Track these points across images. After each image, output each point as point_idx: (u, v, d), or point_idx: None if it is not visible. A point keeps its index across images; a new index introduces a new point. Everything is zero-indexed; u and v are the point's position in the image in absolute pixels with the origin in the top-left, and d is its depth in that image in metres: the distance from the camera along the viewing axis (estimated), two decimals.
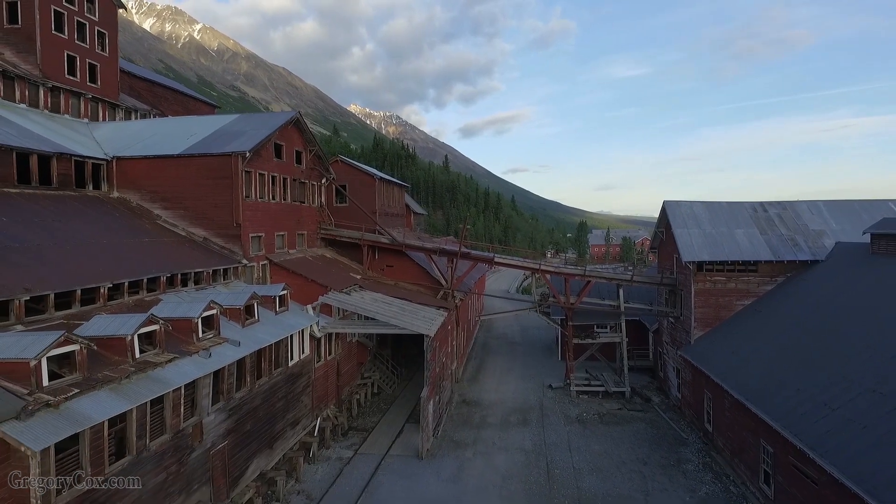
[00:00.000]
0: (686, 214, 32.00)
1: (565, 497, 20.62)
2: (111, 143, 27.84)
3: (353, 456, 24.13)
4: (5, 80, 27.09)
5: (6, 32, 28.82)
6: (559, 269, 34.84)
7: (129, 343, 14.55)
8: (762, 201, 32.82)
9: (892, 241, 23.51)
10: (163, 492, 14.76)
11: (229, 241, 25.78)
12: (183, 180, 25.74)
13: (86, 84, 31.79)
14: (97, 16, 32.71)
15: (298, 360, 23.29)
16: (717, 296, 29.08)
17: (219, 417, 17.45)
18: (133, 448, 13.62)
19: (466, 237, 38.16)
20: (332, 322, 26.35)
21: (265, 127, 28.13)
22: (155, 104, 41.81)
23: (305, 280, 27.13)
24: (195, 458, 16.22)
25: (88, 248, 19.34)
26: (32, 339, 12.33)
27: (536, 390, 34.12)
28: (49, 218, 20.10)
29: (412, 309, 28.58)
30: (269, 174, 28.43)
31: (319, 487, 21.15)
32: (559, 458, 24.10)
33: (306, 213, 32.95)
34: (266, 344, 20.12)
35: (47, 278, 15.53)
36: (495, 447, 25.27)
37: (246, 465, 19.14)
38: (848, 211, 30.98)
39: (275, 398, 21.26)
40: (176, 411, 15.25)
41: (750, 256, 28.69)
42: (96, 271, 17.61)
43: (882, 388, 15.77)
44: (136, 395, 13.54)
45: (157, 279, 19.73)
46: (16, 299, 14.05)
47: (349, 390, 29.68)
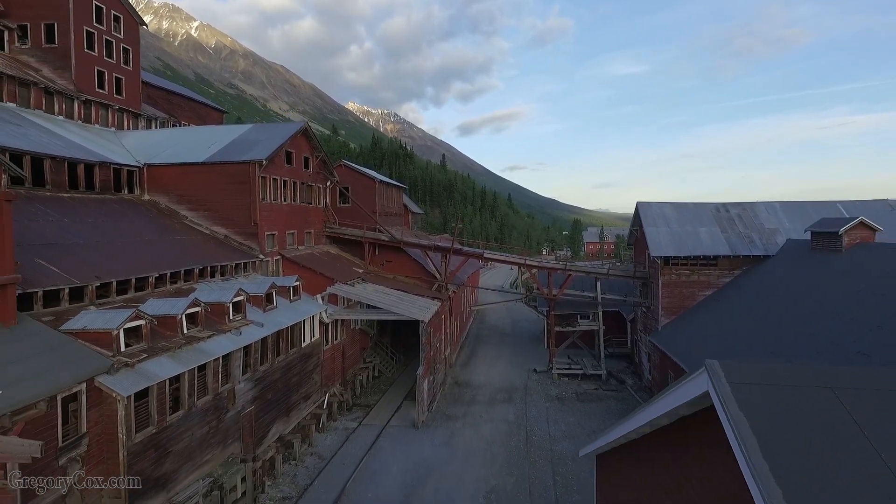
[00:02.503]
0: (656, 214, 35.46)
1: (540, 457, 24.12)
2: (140, 150, 31.14)
3: (358, 426, 27.58)
4: (46, 94, 30.38)
5: (44, 51, 32.07)
6: (542, 263, 38.32)
7: (179, 321, 17.97)
8: (725, 202, 36.27)
9: (827, 237, 27.01)
10: (206, 442, 18.19)
11: (247, 238, 29.16)
12: (206, 185, 29.09)
13: (113, 96, 35.07)
14: (122, 34, 35.99)
15: (310, 342, 26.70)
16: (682, 287, 32.58)
17: (247, 386, 20.88)
18: (185, 404, 17.05)
19: (460, 235, 41.45)
20: (339, 310, 29.75)
21: (278, 136, 31.48)
22: (170, 111, 45.10)
23: (314, 273, 30.49)
24: (229, 417, 19.65)
25: (133, 243, 22.71)
26: (112, 314, 15.74)
27: (522, 374, 37.60)
28: (98, 218, 23.46)
29: (409, 299, 32.02)
30: (281, 178, 31.79)
31: (329, 450, 24.61)
32: (538, 427, 27.60)
33: (313, 213, 36.33)
34: (284, 326, 23.54)
35: (110, 269, 18.90)
36: (482, 419, 28.76)
37: (268, 429, 22.58)
38: (800, 211, 34.46)
39: (291, 374, 24.69)
40: (215, 377, 18.67)
41: (710, 252, 32.19)
42: (143, 263, 20.98)
43: (771, 347, 19.64)
44: (188, 361, 16.97)
45: (192, 271, 23.12)
46: (89, 285, 17.43)
47: (353, 372, 33.11)
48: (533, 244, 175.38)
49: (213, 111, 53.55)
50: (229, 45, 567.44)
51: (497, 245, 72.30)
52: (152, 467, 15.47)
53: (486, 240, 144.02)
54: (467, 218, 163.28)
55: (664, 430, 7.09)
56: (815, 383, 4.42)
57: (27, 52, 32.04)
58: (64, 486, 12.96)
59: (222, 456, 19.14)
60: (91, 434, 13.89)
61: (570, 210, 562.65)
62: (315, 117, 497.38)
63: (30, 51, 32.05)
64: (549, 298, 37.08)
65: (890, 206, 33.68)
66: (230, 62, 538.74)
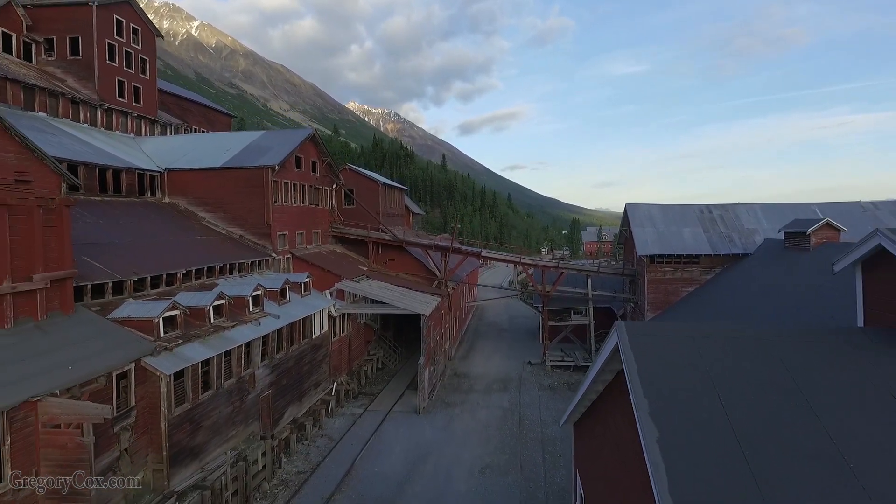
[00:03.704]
0: (643, 215, 37.67)
1: (531, 439, 26.33)
2: (159, 156, 33.33)
3: (363, 412, 29.79)
4: (72, 104, 32.58)
5: (69, 63, 34.25)
6: (536, 262, 40.50)
7: (207, 312, 20.18)
8: (709, 204, 38.48)
9: (797, 237, 29.21)
10: (231, 419, 20.41)
11: (261, 238, 31.36)
12: (222, 188, 31.28)
13: (132, 104, 37.26)
14: (140, 45, 38.18)
15: (320, 334, 28.90)
16: (667, 284, 34.79)
17: (265, 371, 23.09)
18: (214, 385, 19.26)
19: (459, 234, 43.65)
20: (345, 305, 31.96)
21: (289, 143, 33.67)
22: (182, 116, 47.31)
23: (322, 270, 32.69)
24: (250, 399, 21.86)
25: (159, 243, 24.90)
26: (151, 305, 17.95)
27: (518, 366, 39.80)
28: (127, 220, 25.67)
29: (411, 295, 34.23)
30: (291, 182, 33.99)
31: (338, 432, 26.82)
32: (530, 413, 29.81)
33: (320, 214, 38.54)
34: (297, 318, 25.75)
35: (143, 265, 21.10)
36: (479, 406, 30.98)
37: (283, 411, 24.80)
38: (779, 213, 36.63)
39: (302, 362, 26.90)
40: (239, 362, 20.89)
41: (693, 251, 34.39)
42: (170, 261, 23.17)
43: None
44: (216, 347, 19.18)
45: (213, 268, 25.32)
46: (128, 280, 19.64)
47: (358, 363, 35.32)
48: (532, 244, 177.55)
49: (221, 115, 55.77)
50: (230, 45, 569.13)
51: (496, 244, 74.49)
52: (188, 438, 17.69)
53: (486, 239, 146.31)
54: (467, 218, 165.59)
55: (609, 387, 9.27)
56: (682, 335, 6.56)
57: (53, 63, 34.23)
58: (118, 449, 15.18)
59: (245, 433, 21.37)
60: (139, 407, 16.10)
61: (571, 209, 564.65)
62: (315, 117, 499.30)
63: (55, 62, 34.24)
64: (543, 295, 39.29)
65: (862, 207, 35.87)
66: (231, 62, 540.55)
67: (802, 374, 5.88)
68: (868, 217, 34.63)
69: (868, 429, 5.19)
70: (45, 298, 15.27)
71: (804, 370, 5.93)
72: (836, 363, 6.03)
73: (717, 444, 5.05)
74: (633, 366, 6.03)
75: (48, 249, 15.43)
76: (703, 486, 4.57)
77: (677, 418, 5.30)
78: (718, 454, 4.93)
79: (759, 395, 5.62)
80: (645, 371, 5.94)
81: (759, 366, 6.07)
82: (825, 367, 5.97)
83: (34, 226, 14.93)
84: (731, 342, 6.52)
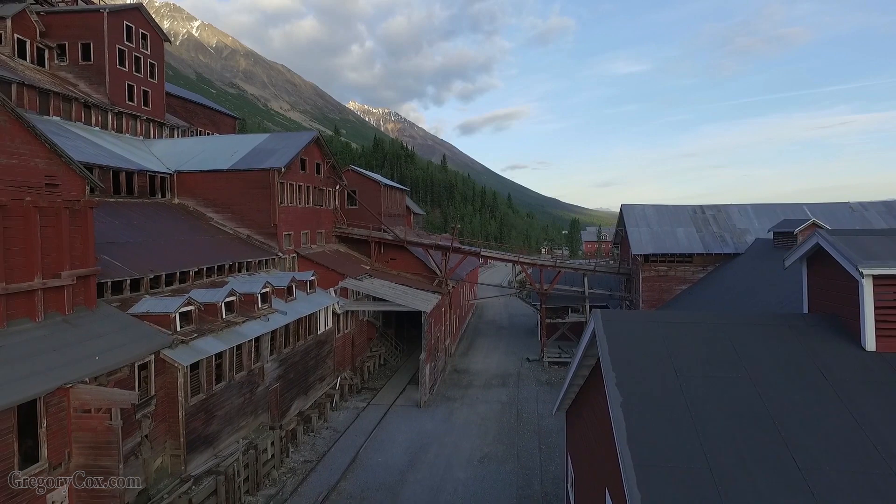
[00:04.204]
0: (638, 215, 38.72)
1: (528, 431, 27.38)
2: (168, 158, 34.40)
3: (367, 406, 30.85)
4: (84, 108, 33.65)
5: (81, 68, 35.32)
6: (534, 261, 41.55)
7: (220, 307, 21.24)
8: (702, 205, 39.54)
9: (785, 237, 30.25)
10: (242, 410, 21.48)
11: (267, 238, 32.43)
12: (230, 190, 32.35)
13: (141, 108, 38.33)
14: (149, 50, 39.24)
15: (324, 330, 29.96)
16: (661, 282, 35.84)
17: (273, 365, 24.15)
18: (226, 376, 20.33)
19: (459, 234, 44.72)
20: (349, 302, 33.02)
21: (294, 146, 34.74)
22: (187, 118, 48.40)
23: (326, 269, 33.75)
24: (260, 391, 22.93)
25: (171, 242, 25.98)
26: (168, 301, 19.02)
27: (516, 363, 40.85)
28: (140, 220, 26.74)
29: (412, 292, 35.29)
30: (297, 184, 35.06)
31: (342, 424, 27.89)
32: (528, 407, 30.87)
33: (324, 214, 39.61)
34: (303, 315, 26.81)
35: (158, 264, 22.17)
36: (478, 400, 32.04)
37: (290, 404, 25.86)
38: (770, 213, 37.69)
39: (308, 357, 27.96)
40: (249, 356, 21.95)
41: (686, 250, 35.43)
42: (182, 259, 24.24)
43: None
44: (229, 341, 20.25)
45: (223, 266, 26.39)
46: (144, 277, 20.70)
47: (361, 359, 36.38)
48: (532, 243, 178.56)
49: (226, 117, 56.88)
50: (230, 45, 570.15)
51: (496, 244, 75.56)
52: (203, 426, 18.76)
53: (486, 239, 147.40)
54: (467, 218, 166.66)
55: (593, 372, 10.30)
56: (649, 321, 7.58)
57: (65, 68, 35.30)
58: (139, 435, 16.25)
59: (254, 423, 22.44)
60: (158, 396, 17.17)
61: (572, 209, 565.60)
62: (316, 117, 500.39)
63: (67, 67, 35.31)
64: (541, 293, 40.34)
65: (851, 208, 36.90)
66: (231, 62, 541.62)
67: (746, 351, 6.91)
68: (856, 217, 35.68)
69: (795, 394, 6.21)
70: (71, 294, 16.33)
71: (747, 348, 6.96)
72: (775, 342, 7.06)
73: (670, 406, 6.07)
74: (605, 345, 7.05)
75: (74, 248, 16.49)
76: (654, 438, 5.59)
77: (638, 387, 6.32)
78: (670, 415, 5.96)
79: (708, 368, 6.65)
80: (615, 349, 6.96)
81: (711, 345, 7.10)
82: (765, 346, 6.99)
83: (62, 226, 16.00)
84: (691, 326, 7.56)
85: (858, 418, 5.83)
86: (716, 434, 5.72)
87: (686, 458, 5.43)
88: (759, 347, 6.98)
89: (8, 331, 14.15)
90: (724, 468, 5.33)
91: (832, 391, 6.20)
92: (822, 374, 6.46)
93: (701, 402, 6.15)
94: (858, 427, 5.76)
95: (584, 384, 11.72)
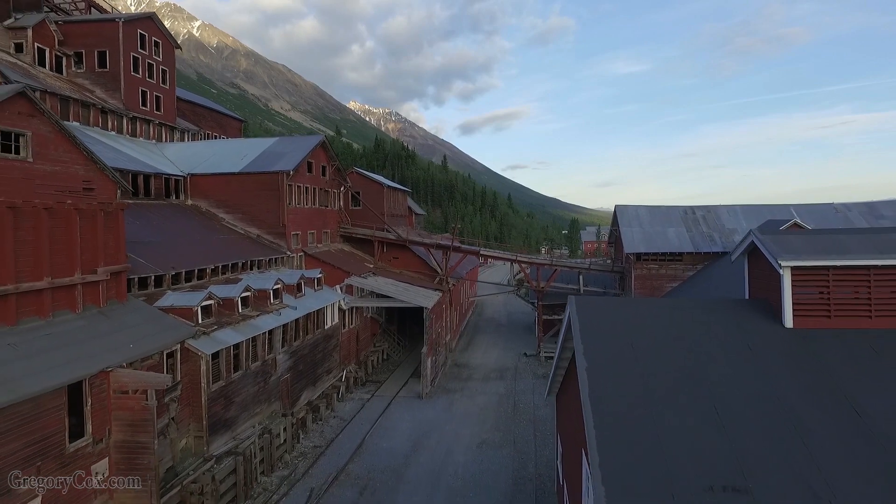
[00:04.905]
0: (631, 216, 40.30)
1: (524, 419, 28.98)
2: (180, 161, 36.00)
3: (371, 397, 32.46)
4: (101, 113, 35.27)
5: (97, 75, 36.94)
6: (531, 259, 43.13)
7: (236, 302, 22.85)
8: (693, 206, 41.10)
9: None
10: (256, 398, 23.08)
11: (276, 237, 34.03)
12: (241, 191, 33.95)
13: (153, 112, 39.94)
14: (161, 57, 40.86)
15: (331, 325, 31.56)
16: (652, 280, 37.41)
17: (285, 357, 25.75)
18: (242, 366, 21.93)
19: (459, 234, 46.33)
20: (354, 299, 34.62)
21: (301, 149, 36.34)
22: (196, 121, 50.01)
23: (332, 267, 35.35)
24: (272, 380, 24.53)
25: (188, 241, 27.58)
26: (190, 296, 20.62)
27: (514, 358, 42.46)
28: (158, 220, 28.35)
29: (414, 290, 36.89)
30: (304, 185, 36.67)
31: (349, 414, 29.50)
32: (524, 398, 32.46)
33: (329, 215, 41.22)
34: (312, 310, 28.41)
35: (178, 261, 23.77)
36: (477, 392, 33.64)
37: (300, 394, 27.47)
38: (758, 214, 39.25)
39: (316, 350, 29.56)
40: (263, 347, 23.55)
41: (676, 249, 37.01)
42: (199, 257, 25.83)
43: None
44: (245, 332, 21.86)
45: (237, 264, 28.01)
46: (167, 274, 22.31)
47: (365, 354, 37.98)
48: (532, 243, 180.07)
49: (232, 120, 58.56)
50: (231, 45, 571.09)
51: (496, 244, 77.16)
52: (222, 411, 20.37)
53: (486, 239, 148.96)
54: (468, 218, 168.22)
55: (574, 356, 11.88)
56: (614, 303, 9.11)
57: (82, 75, 36.92)
58: (167, 417, 17.85)
59: (268, 410, 24.05)
60: (183, 382, 18.78)
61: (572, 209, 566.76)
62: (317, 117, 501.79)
63: (84, 74, 36.93)
64: (538, 290, 41.93)
65: (835, 209, 38.47)
66: (232, 62, 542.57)
67: (690, 329, 8.46)
68: (840, 217, 37.25)
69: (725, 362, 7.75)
70: (105, 288, 17.93)
71: (692, 327, 8.51)
72: (715, 322, 8.60)
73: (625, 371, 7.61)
74: (577, 324, 8.60)
75: (107, 246, 18.09)
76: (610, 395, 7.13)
77: (601, 356, 7.86)
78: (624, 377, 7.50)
79: (659, 340, 8.20)
80: (584, 327, 8.51)
81: (663, 322, 8.65)
82: (707, 325, 8.54)
83: (97, 226, 17.60)
84: (649, 307, 9.12)
85: (770, 378, 7.39)
86: (660, 391, 7.28)
87: (634, 408, 7.00)
88: (701, 326, 8.54)
89: (53, 321, 15.76)
90: (664, 415, 6.89)
91: (753, 358, 7.77)
92: (748, 346, 8.02)
93: (650, 368, 7.71)
94: (772, 389, 7.32)
95: (567, 367, 13.30)
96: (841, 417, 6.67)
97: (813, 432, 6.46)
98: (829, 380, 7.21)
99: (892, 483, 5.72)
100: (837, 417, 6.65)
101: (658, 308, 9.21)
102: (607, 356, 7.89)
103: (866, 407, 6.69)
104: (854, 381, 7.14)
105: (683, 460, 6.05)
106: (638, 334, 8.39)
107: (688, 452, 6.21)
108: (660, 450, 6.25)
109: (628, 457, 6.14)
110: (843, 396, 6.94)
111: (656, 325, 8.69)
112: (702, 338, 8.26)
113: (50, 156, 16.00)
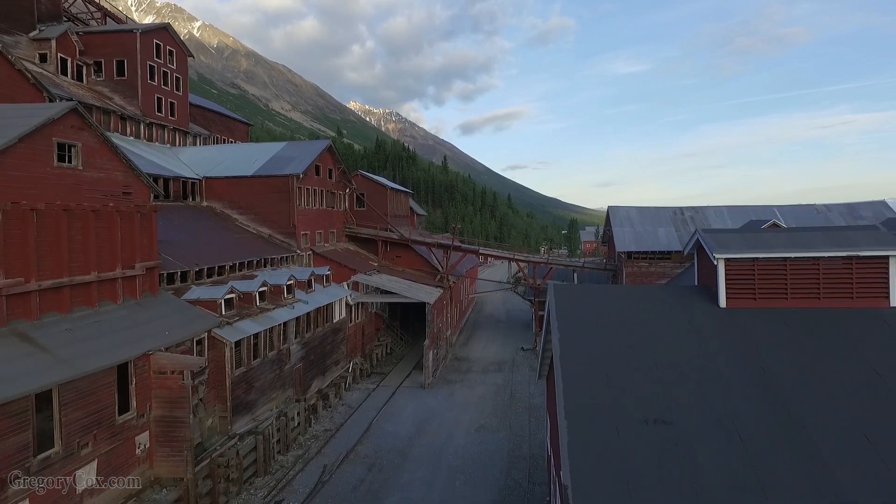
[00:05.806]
0: (623, 216, 42.33)
1: (520, 407, 31.01)
2: (194, 164, 38.03)
3: (376, 388, 34.49)
4: (121, 120, 37.31)
5: (116, 83, 38.98)
6: (528, 258, 45.19)
7: (254, 296, 24.89)
8: (682, 207, 43.14)
9: None
10: (272, 384, 25.12)
11: (287, 237, 36.08)
12: (253, 193, 36.00)
13: (168, 118, 41.98)
14: (175, 65, 42.91)
15: (339, 319, 33.60)
16: (642, 277, 39.43)
17: (297, 347, 27.79)
18: (261, 354, 23.97)
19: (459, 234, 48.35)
20: (360, 295, 36.66)
21: (310, 154, 38.38)
22: (206, 125, 52.06)
23: (339, 265, 37.38)
24: (287, 369, 26.57)
25: (207, 240, 29.61)
26: (214, 289, 22.66)
27: (512, 352, 44.48)
28: (179, 221, 30.39)
29: (417, 286, 38.92)
30: (312, 188, 38.71)
31: (356, 402, 31.54)
32: (521, 388, 34.49)
33: (335, 215, 43.27)
34: (321, 304, 30.45)
35: (200, 259, 25.81)
36: (477, 383, 35.67)
37: (311, 382, 29.50)
38: (742, 214, 41.26)
39: (325, 342, 31.60)
40: (278, 338, 25.59)
41: (665, 247, 39.03)
42: (218, 255, 27.86)
43: None
44: (263, 323, 23.89)
45: (252, 261, 30.06)
46: (191, 270, 24.36)
47: (370, 347, 40.02)
48: (532, 243, 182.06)
49: (239, 123, 60.63)
50: (231, 45, 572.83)
51: (496, 244, 79.14)
52: (244, 395, 22.40)
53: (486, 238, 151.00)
54: (468, 218, 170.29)
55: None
56: (586, 289, 11.12)
57: (101, 83, 38.96)
58: (196, 398, 19.87)
59: (283, 396, 26.09)
60: (209, 367, 20.81)
61: (572, 209, 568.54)
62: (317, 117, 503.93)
63: (104, 82, 38.97)
64: (534, 287, 43.97)
65: (816, 210, 40.49)
66: (232, 62, 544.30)
67: (647, 310, 10.45)
68: (821, 217, 39.28)
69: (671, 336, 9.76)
70: (141, 282, 19.95)
71: (649, 309, 10.51)
72: (667, 305, 10.60)
73: (591, 345, 9.61)
74: (554, 307, 10.60)
75: (143, 244, 20.12)
76: (575, 355, 9.12)
77: (572, 331, 9.84)
78: (590, 350, 9.49)
79: (620, 319, 10.21)
80: (560, 309, 10.50)
81: (625, 304, 10.65)
82: (660, 307, 10.54)
83: (134, 226, 19.63)
84: (615, 293, 11.12)
85: (703, 345, 9.40)
86: (616, 355, 9.28)
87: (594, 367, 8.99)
88: (656, 308, 10.55)
89: (100, 310, 17.79)
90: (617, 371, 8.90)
91: (692, 330, 9.78)
92: (689, 322, 10.03)
93: (611, 338, 9.70)
94: (704, 353, 9.32)
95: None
96: (753, 374, 8.66)
97: (730, 383, 8.46)
98: (748, 346, 9.21)
99: (779, 414, 7.71)
100: (750, 373, 8.65)
101: (623, 294, 11.23)
102: (577, 329, 9.90)
103: (772, 364, 8.68)
104: (768, 347, 9.13)
105: (628, 402, 8.04)
106: (604, 314, 10.39)
107: (633, 397, 8.21)
108: (611, 396, 8.24)
109: (587, 398, 8.14)
110: (756, 357, 8.94)
111: (620, 306, 10.70)
112: (654, 315, 10.26)
113: (96, 164, 18.04)
